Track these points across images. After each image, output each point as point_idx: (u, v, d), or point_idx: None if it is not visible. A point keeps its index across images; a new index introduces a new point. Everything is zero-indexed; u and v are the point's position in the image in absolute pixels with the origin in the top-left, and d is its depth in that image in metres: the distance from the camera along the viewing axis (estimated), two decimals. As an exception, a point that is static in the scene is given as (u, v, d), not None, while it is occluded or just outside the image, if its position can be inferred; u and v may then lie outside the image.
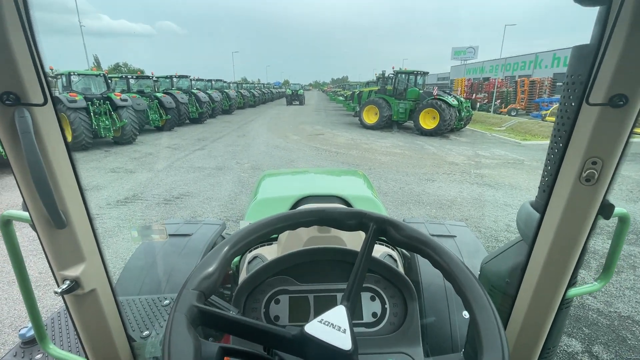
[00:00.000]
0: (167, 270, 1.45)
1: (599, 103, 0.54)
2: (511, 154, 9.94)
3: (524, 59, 36.45)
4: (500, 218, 4.94)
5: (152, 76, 15.53)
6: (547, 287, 0.71)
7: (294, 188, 1.49)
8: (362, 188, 1.76)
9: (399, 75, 14.85)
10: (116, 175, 7.01)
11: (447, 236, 1.83)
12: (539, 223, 0.71)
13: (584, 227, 0.64)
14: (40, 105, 0.50)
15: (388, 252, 1.21)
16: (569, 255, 0.67)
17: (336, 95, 33.10)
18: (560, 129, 0.70)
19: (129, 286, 1.38)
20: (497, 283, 0.91)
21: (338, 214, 0.73)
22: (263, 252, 1.18)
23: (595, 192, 0.60)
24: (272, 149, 10.02)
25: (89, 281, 0.62)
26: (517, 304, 0.78)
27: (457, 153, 9.95)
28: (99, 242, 0.66)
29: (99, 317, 0.67)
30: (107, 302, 0.68)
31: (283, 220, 0.71)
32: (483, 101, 23.80)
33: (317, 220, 0.73)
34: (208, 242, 1.68)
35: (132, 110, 10.60)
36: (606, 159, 0.58)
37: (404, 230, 0.68)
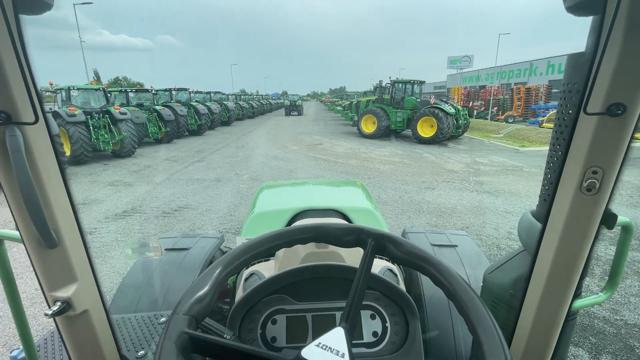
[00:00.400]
0: (165, 286, 1.42)
1: (597, 112, 0.53)
2: (510, 161, 9.96)
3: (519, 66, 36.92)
4: (501, 225, 4.91)
5: (151, 89, 15.66)
6: (552, 299, 0.69)
7: (291, 201, 1.47)
8: (361, 200, 1.74)
9: (396, 84, 15.01)
10: (114, 189, 6.99)
11: (448, 246, 1.81)
12: (541, 233, 0.70)
13: (587, 237, 0.63)
14: (31, 124, 0.49)
15: (388, 266, 1.19)
16: (573, 266, 0.65)
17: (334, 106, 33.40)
18: (559, 137, 0.69)
19: (125, 303, 1.35)
20: (501, 295, 0.89)
21: (335, 230, 0.71)
22: (260, 269, 1.16)
23: (596, 202, 0.59)
24: (271, 160, 10.04)
25: (81, 302, 0.60)
26: (522, 317, 0.76)
27: (455, 161, 9.96)
28: (92, 262, 0.64)
29: (92, 339, 0.65)
30: (100, 323, 0.66)
31: (278, 238, 0.69)
32: (480, 109, 24.01)
33: (314, 237, 0.71)
34: (206, 256, 1.66)
35: (131, 124, 10.65)
36: (607, 168, 0.57)
37: (403, 247, 0.66)
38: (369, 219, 1.43)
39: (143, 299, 1.34)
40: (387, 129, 14.68)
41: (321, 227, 0.72)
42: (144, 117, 12.26)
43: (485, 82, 39.25)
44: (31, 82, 0.48)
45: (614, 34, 0.50)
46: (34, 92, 0.49)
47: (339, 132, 17.51)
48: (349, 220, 1.42)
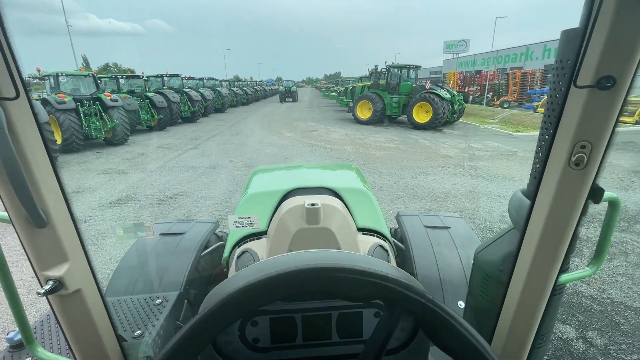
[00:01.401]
0: (160, 270, 1.43)
1: (587, 85, 0.53)
2: (504, 146, 10.01)
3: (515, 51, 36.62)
4: (495, 209, 4.97)
5: (142, 76, 15.33)
6: (539, 273, 0.71)
7: (284, 182, 1.47)
8: (354, 181, 1.75)
9: (392, 69, 14.84)
10: (108, 177, 6.93)
11: (441, 227, 1.83)
12: (529, 210, 0.71)
13: (574, 212, 0.64)
14: (12, 99, 0.48)
15: (379, 242, 1.21)
16: (559, 241, 0.66)
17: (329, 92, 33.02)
18: (550, 114, 0.69)
19: (122, 286, 1.36)
20: (491, 271, 0.91)
21: (345, 281, 0.50)
22: (252, 247, 1.17)
23: (584, 176, 0.60)
24: (266, 147, 9.98)
25: (73, 281, 0.61)
26: (510, 291, 0.78)
27: (450, 146, 9.99)
28: (83, 241, 0.64)
29: (86, 317, 0.65)
30: (94, 302, 0.66)
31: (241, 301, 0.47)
32: (475, 94, 23.93)
33: (311, 288, 0.51)
34: (201, 240, 1.67)
35: (123, 111, 10.47)
36: (595, 142, 0.57)
37: (458, 335, 0.49)
38: (363, 200, 1.43)
39: (139, 282, 1.35)
40: (382, 115, 14.60)
41: (319, 269, 0.50)
42: (136, 104, 12.04)
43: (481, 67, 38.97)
44: (10, 55, 0.47)
45: (605, 8, 0.50)
46: (13, 66, 0.47)
47: (334, 119, 17.39)
48: (340, 198, 1.41)
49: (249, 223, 1.11)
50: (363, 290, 0.50)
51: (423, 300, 0.51)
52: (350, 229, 1.16)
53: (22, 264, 3.45)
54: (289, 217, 1.11)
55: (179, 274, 1.38)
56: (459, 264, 1.53)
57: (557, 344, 2.41)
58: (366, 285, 0.50)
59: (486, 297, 0.95)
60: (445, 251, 1.61)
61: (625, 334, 2.49)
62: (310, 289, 0.49)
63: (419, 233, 1.77)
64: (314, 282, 0.49)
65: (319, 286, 0.50)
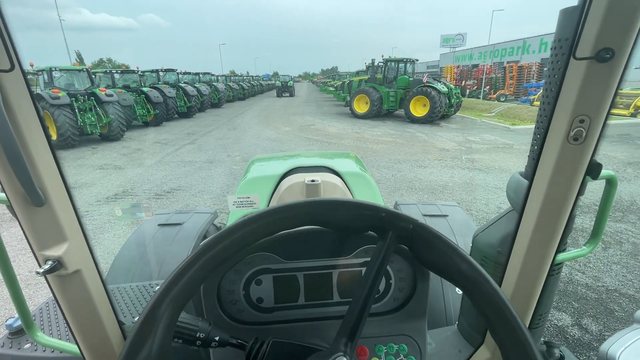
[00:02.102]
0: (159, 260, 1.43)
1: (586, 57, 0.53)
2: (501, 139, 10.04)
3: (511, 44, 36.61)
4: (492, 201, 5.00)
5: (137, 70, 15.17)
6: (536, 252, 0.71)
7: (283, 165, 1.47)
8: (354, 167, 1.74)
9: (389, 63, 14.79)
10: (105, 172, 6.89)
11: (439, 216, 1.84)
12: (527, 190, 0.71)
13: (572, 188, 0.64)
14: (6, 72, 0.47)
15: None
16: (557, 219, 0.67)
17: (326, 86, 32.90)
18: (549, 93, 0.69)
19: (121, 275, 1.36)
20: (489, 253, 0.91)
21: (338, 208, 0.56)
22: None
23: (583, 151, 0.60)
24: (263, 141, 9.95)
25: (72, 261, 0.60)
26: (508, 272, 0.78)
27: (447, 139, 10.01)
28: (82, 221, 0.64)
29: (86, 299, 0.65)
30: (94, 283, 0.66)
31: (245, 228, 0.51)
32: (472, 88, 23.92)
33: (308, 220, 0.56)
34: (199, 230, 1.67)
35: (118, 106, 10.37)
36: (593, 116, 0.57)
37: (450, 253, 0.53)
38: (363, 184, 1.44)
39: (138, 272, 1.35)
40: (379, 109, 14.57)
41: (316, 203, 0.55)
42: (131, 99, 11.93)
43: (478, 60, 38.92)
44: (2, 25, 0.45)
45: None
46: (7, 37, 0.46)
47: (331, 113, 17.34)
48: (342, 179, 1.41)
49: (248, 203, 1.10)
50: (358, 221, 0.57)
51: (411, 225, 0.56)
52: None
53: (19, 259, 3.44)
54: (289, 194, 1.12)
55: (177, 263, 1.38)
56: None
57: (553, 331, 2.44)
58: (360, 216, 0.56)
59: None
60: None
61: (620, 321, 2.53)
62: (307, 220, 0.54)
63: None
64: (309, 215, 0.54)
65: (316, 218, 0.55)
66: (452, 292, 1.34)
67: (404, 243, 0.58)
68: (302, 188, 1.11)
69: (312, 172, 1.34)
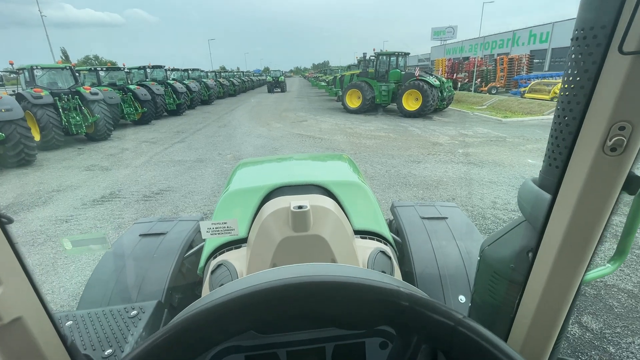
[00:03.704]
0: (140, 276, 1.32)
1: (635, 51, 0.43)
2: (493, 132, 10.04)
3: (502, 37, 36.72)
4: (486, 195, 4.96)
5: (123, 67, 14.78)
6: (562, 274, 0.62)
7: (268, 177, 1.34)
8: (347, 173, 1.64)
9: (380, 57, 14.66)
10: (91, 174, 6.67)
11: (438, 218, 1.76)
12: (550, 203, 0.62)
13: (606, 205, 0.55)
14: None
15: (380, 247, 1.07)
16: (588, 238, 0.58)
17: (318, 81, 32.63)
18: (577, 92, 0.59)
19: (97, 296, 1.24)
20: (500, 269, 0.82)
21: (341, 292, 0.38)
22: (229, 258, 1.02)
23: (621, 163, 0.51)
24: (254, 139, 9.78)
25: (9, 309, 0.49)
26: (527, 292, 0.69)
27: (440, 133, 9.97)
28: (21, 258, 0.53)
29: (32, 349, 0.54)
30: (42, 332, 0.55)
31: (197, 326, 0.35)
32: (464, 81, 23.95)
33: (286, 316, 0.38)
34: (184, 241, 1.55)
35: (104, 105, 10.07)
36: (637, 122, 0.48)
37: None
38: (358, 196, 1.32)
39: (115, 292, 1.23)
40: (372, 104, 14.46)
41: (298, 286, 0.37)
42: (118, 97, 11.61)
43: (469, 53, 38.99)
44: None
45: None
46: None
47: (323, 108, 17.19)
48: (333, 196, 1.27)
49: (225, 230, 0.96)
50: (365, 312, 0.37)
51: (451, 323, 0.37)
52: (346, 234, 1.02)
53: None
54: (272, 222, 0.96)
55: (159, 280, 1.27)
56: (458, 257, 1.46)
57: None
58: (369, 304, 0.37)
59: (495, 296, 0.87)
60: (443, 243, 1.54)
61: (620, 317, 2.50)
62: (291, 312, 0.36)
63: (415, 225, 1.69)
64: (295, 303, 0.36)
65: (301, 309, 0.36)
66: (454, 303, 1.26)
67: (439, 346, 0.40)
68: (287, 216, 0.94)
69: (300, 192, 1.20)
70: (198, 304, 0.38)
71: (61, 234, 4.13)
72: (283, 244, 0.91)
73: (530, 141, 8.66)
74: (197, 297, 1.28)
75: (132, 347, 0.86)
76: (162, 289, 1.23)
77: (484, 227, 3.98)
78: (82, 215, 4.65)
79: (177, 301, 1.36)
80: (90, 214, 4.66)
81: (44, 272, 3.26)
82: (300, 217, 0.91)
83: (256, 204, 1.20)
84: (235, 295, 0.35)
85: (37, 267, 3.32)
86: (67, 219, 4.51)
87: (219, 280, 0.93)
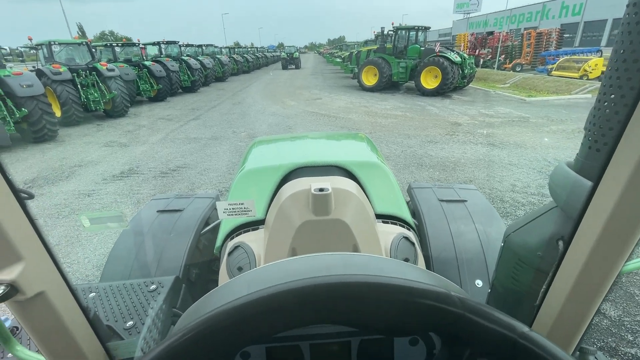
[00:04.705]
0: (158, 252, 1.35)
1: None
2: (515, 112, 9.63)
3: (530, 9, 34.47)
4: (505, 178, 4.82)
5: (138, 43, 14.72)
6: (599, 264, 0.58)
7: (286, 156, 1.30)
8: (366, 152, 1.59)
9: (399, 31, 14.04)
10: (110, 150, 6.83)
11: (457, 201, 1.71)
12: (590, 192, 0.57)
13: None
14: None
15: (403, 233, 1.03)
16: (632, 229, 0.53)
17: (333, 57, 31.80)
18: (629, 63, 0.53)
19: (117, 271, 1.28)
20: (526, 257, 0.79)
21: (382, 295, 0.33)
22: (246, 240, 1.01)
23: None
24: (269, 117, 9.72)
25: (32, 284, 0.50)
26: (557, 283, 0.66)
27: (460, 113, 9.64)
28: (43, 236, 0.53)
29: (56, 324, 0.55)
30: (65, 305, 0.56)
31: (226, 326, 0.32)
32: (487, 57, 22.79)
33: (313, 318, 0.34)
34: (200, 217, 1.57)
35: (120, 81, 10.14)
36: None
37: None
38: (379, 178, 1.28)
39: (135, 266, 1.27)
40: (389, 81, 14.01)
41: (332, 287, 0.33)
42: (134, 73, 11.65)
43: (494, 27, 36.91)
44: None
45: None
46: None
47: (338, 86, 16.82)
48: (354, 178, 1.21)
49: (242, 211, 0.93)
50: (408, 319, 0.32)
51: (513, 336, 0.32)
52: (368, 218, 0.97)
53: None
54: (291, 205, 0.92)
55: (177, 256, 1.29)
56: (476, 240, 1.43)
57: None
58: (414, 310, 0.32)
59: (518, 284, 0.84)
60: (462, 227, 1.50)
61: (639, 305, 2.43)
62: (322, 316, 0.32)
63: (433, 207, 1.65)
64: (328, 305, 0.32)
65: (335, 313, 0.32)
66: (471, 287, 1.24)
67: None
68: (307, 199, 0.89)
69: (320, 173, 1.14)
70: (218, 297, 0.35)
71: (84, 207, 4.28)
72: (303, 228, 0.88)
73: (554, 122, 8.28)
74: (215, 274, 1.30)
75: (152, 320, 0.88)
76: (180, 265, 1.26)
77: (502, 210, 3.89)
78: (103, 190, 4.79)
79: (194, 277, 1.39)
80: (110, 189, 4.80)
81: (69, 243, 3.41)
82: (321, 200, 0.87)
83: (274, 185, 1.16)
84: (265, 294, 0.32)
85: (63, 239, 3.48)
86: (89, 193, 4.67)
87: (237, 263, 0.92)
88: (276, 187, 1.16)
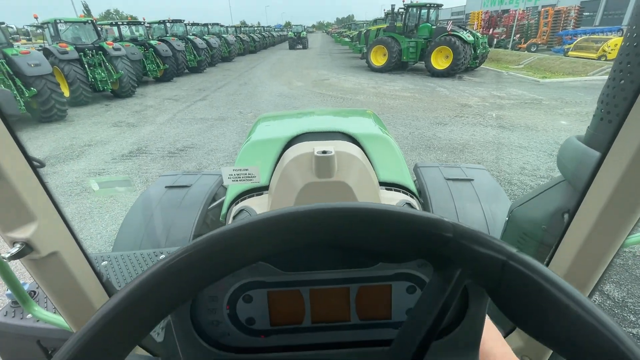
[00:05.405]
0: (167, 224, 1.38)
1: None
2: (528, 94, 9.36)
3: (549, -15, 32.75)
4: (515, 161, 4.75)
5: (143, 22, 14.51)
6: (602, 236, 0.58)
7: (290, 127, 1.30)
8: (372, 126, 1.58)
9: (410, 9, 13.57)
10: (119, 130, 6.89)
11: (463, 180, 1.70)
12: (598, 162, 0.56)
13: None
14: None
15: (406, 199, 1.04)
16: (637, 200, 0.53)
17: (341, 37, 31.01)
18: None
19: (128, 242, 1.32)
20: (531, 230, 0.79)
21: (378, 220, 0.34)
22: (251, 204, 1.03)
23: None
24: (275, 97, 9.63)
25: (45, 243, 0.52)
26: (559, 255, 0.66)
27: (470, 94, 9.41)
28: (54, 198, 0.54)
29: (69, 282, 0.58)
30: (77, 265, 0.59)
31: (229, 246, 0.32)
32: (501, 36, 21.98)
33: (318, 238, 0.35)
34: (208, 193, 1.60)
35: (127, 61, 10.08)
36: None
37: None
38: (384, 149, 1.27)
39: (145, 238, 1.31)
40: (398, 61, 13.66)
41: (332, 211, 0.34)
42: (140, 53, 11.56)
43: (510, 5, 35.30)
44: None
45: None
46: None
47: (346, 66, 16.49)
48: (357, 144, 1.20)
49: (247, 176, 0.94)
50: (401, 243, 0.34)
51: (502, 257, 0.32)
52: (372, 183, 0.96)
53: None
54: (295, 167, 0.92)
55: (185, 228, 1.33)
56: (481, 218, 1.43)
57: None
58: (407, 234, 0.34)
59: None
60: (467, 205, 1.50)
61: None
62: (320, 238, 0.34)
63: (439, 185, 1.64)
64: (325, 228, 0.33)
65: (331, 235, 0.34)
66: None
67: (486, 283, 0.35)
68: (310, 161, 0.89)
69: (324, 138, 1.14)
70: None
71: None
72: (305, 190, 0.88)
73: (569, 104, 8.04)
74: None
75: None
76: (188, 237, 1.29)
77: (510, 192, 3.85)
78: (113, 169, 4.87)
79: None
80: (120, 168, 4.88)
81: (82, 219, 3.51)
82: (324, 162, 0.86)
83: (278, 151, 1.16)
84: (263, 217, 0.33)
85: (76, 216, 3.58)
86: (99, 172, 4.76)
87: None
88: (280, 154, 1.16)
